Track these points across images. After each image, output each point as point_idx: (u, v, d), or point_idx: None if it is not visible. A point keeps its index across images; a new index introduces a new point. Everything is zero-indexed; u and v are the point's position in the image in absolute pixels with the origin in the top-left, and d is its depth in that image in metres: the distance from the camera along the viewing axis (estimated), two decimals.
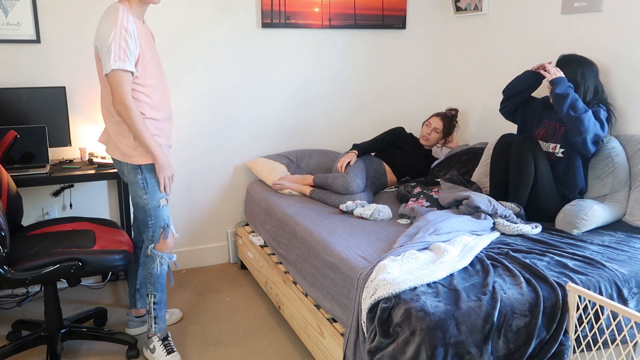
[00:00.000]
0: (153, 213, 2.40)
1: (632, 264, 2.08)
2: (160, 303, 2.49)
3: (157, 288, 2.47)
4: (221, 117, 3.44)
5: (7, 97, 2.83)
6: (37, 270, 2.19)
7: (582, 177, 2.61)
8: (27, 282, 2.18)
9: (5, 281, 2.15)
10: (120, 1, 2.26)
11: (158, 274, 2.46)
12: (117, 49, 2.17)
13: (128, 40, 2.18)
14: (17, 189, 2.50)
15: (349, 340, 1.99)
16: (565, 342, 1.84)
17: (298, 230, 2.61)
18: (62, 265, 2.21)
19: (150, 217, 2.40)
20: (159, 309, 2.50)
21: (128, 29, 2.18)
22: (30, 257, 2.22)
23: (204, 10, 3.26)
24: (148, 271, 2.47)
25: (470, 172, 3.12)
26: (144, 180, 2.35)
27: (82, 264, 2.25)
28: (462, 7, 3.68)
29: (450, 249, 2.09)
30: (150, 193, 2.37)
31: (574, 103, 2.49)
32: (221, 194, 3.55)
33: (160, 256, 2.45)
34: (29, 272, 2.18)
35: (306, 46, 3.55)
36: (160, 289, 2.48)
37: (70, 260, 2.23)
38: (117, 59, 2.17)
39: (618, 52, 2.70)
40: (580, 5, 2.85)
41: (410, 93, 3.92)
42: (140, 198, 2.38)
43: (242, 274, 3.47)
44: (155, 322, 2.50)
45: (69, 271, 2.23)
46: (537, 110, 2.82)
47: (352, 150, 3.22)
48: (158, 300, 2.48)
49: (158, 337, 2.50)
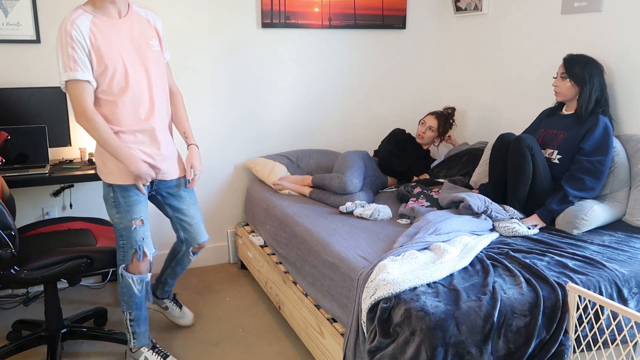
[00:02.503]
0: (125, 234, 2.24)
1: (632, 264, 2.08)
2: (137, 320, 2.36)
3: (131, 306, 2.34)
4: (221, 117, 3.43)
5: (7, 97, 2.83)
6: (47, 269, 2.20)
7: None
8: (38, 281, 2.19)
9: (16, 281, 2.16)
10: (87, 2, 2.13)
11: (132, 293, 2.32)
12: (65, 58, 2.02)
13: (75, 47, 2.02)
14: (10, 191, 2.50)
15: (349, 340, 1.99)
16: (565, 342, 1.84)
17: (298, 230, 2.61)
18: (72, 262, 2.23)
19: (122, 237, 2.25)
20: (137, 325, 2.37)
21: (72, 36, 2.01)
22: (37, 257, 2.23)
23: (203, 10, 3.26)
24: (121, 289, 2.33)
25: (471, 172, 3.12)
26: (116, 200, 2.22)
27: (90, 261, 2.26)
28: (462, 7, 3.68)
29: (450, 249, 2.10)
30: (122, 213, 2.22)
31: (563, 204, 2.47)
32: (221, 194, 3.55)
33: (131, 277, 2.29)
34: (38, 271, 2.19)
35: (306, 46, 3.55)
36: (135, 307, 2.34)
37: (78, 257, 2.25)
38: (68, 69, 2.03)
39: (618, 52, 2.70)
40: (580, 5, 2.85)
41: (410, 93, 3.92)
42: (113, 216, 2.25)
43: (242, 274, 3.47)
44: (134, 338, 2.38)
45: (79, 269, 2.25)
46: (535, 123, 2.85)
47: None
48: (134, 317, 2.35)
49: (146, 348, 2.40)
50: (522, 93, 3.30)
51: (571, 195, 2.46)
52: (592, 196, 2.52)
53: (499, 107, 3.49)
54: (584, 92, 2.59)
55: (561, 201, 2.47)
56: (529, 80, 3.24)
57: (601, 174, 2.49)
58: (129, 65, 2.14)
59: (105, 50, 2.08)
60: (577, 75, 2.59)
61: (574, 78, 2.60)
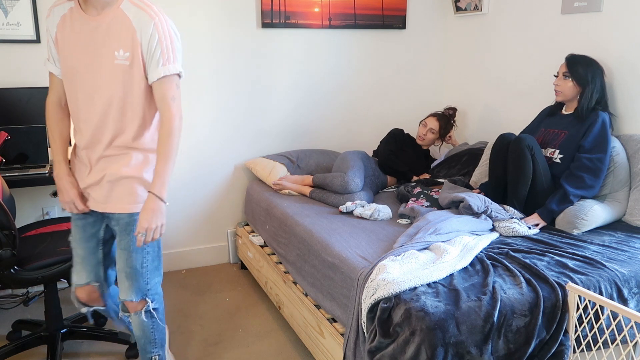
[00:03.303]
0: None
1: (632, 264, 2.08)
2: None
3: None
4: (221, 117, 3.43)
5: (7, 97, 2.83)
6: (47, 269, 2.20)
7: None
8: (38, 281, 2.19)
9: (16, 281, 2.17)
10: None
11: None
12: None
13: (49, 36, 1.89)
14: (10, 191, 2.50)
15: (349, 340, 1.99)
16: (565, 342, 1.84)
17: (298, 230, 2.61)
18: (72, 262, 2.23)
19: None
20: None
21: (47, 24, 1.87)
22: (37, 257, 2.23)
23: (203, 10, 3.26)
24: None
25: (471, 172, 3.12)
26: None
27: None
28: (462, 7, 3.68)
29: (450, 249, 2.10)
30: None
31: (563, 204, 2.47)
32: (221, 194, 3.55)
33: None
34: (38, 271, 2.19)
35: (306, 46, 3.55)
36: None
37: None
38: (46, 60, 1.95)
39: (618, 52, 2.70)
40: (580, 5, 2.85)
41: (410, 93, 3.92)
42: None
43: (242, 274, 3.47)
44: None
45: None
46: (535, 121, 2.85)
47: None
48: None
49: None
50: (522, 93, 3.30)
51: (571, 194, 2.46)
52: (592, 194, 2.52)
53: (499, 107, 3.49)
54: (586, 92, 2.58)
55: (561, 200, 2.47)
56: (529, 80, 3.24)
57: (600, 172, 2.49)
58: (76, 70, 1.84)
59: (61, 46, 1.86)
60: (580, 76, 2.59)
61: (577, 78, 2.60)
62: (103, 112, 1.85)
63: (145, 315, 2.01)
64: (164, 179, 1.85)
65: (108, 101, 1.84)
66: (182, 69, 1.87)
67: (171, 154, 1.85)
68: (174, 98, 1.84)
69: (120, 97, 1.84)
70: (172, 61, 1.82)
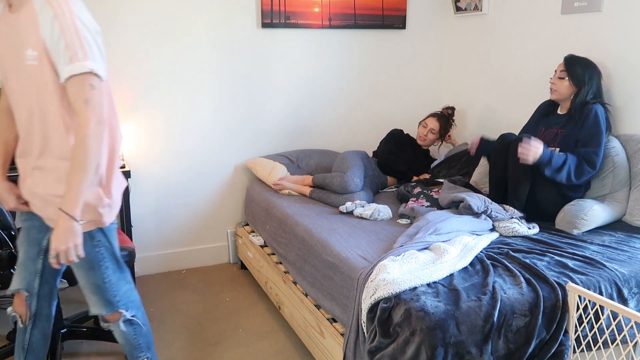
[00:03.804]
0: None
1: (632, 264, 2.08)
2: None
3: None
4: (221, 117, 3.43)
5: None
6: None
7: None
8: None
9: None
10: None
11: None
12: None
13: None
14: None
15: (349, 340, 1.99)
16: (565, 342, 1.84)
17: (298, 230, 2.61)
18: None
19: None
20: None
21: None
22: None
23: (203, 10, 3.26)
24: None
25: (471, 172, 3.12)
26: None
27: None
28: (462, 7, 3.68)
29: (450, 249, 2.10)
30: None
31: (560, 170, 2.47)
32: (221, 194, 3.55)
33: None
34: None
35: (306, 46, 3.55)
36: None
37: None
38: None
39: (618, 52, 2.70)
40: (580, 5, 2.85)
41: (410, 93, 3.92)
42: None
43: (242, 274, 3.47)
44: None
45: None
46: (533, 118, 2.85)
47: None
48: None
49: None
50: (522, 93, 3.30)
51: (568, 162, 2.46)
52: (583, 181, 2.51)
53: (499, 107, 3.50)
54: (581, 93, 2.59)
55: (558, 159, 2.46)
56: (529, 80, 3.24)
57: (594, 165, 2.50)
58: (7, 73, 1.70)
59: None
60: (577, 76, 2.59)
61: (574, 78, 2.60)
62: (27, 119, 1.69)
63: (124, 325, 1.93)
64: (75, 193, 1.60)
65: (29, 107, 1.67)
66: (97, 66, 1.59)
67: (84, 165, 1.59)
68: (87, 101, 1.58)
69: (38, 101, 1.65)
70: (80, 58, 1.56)
